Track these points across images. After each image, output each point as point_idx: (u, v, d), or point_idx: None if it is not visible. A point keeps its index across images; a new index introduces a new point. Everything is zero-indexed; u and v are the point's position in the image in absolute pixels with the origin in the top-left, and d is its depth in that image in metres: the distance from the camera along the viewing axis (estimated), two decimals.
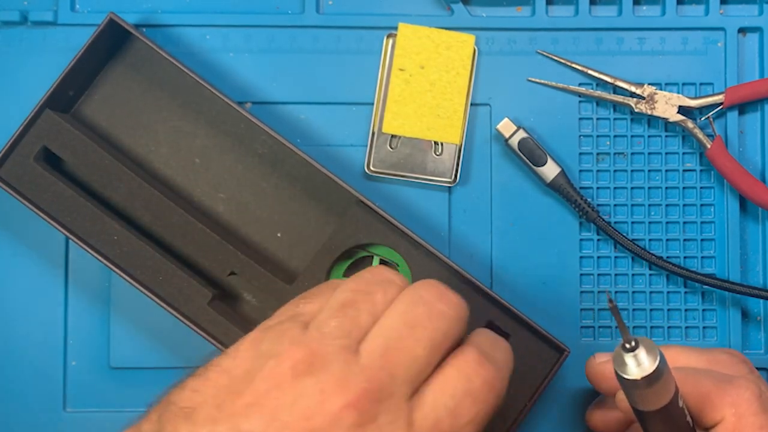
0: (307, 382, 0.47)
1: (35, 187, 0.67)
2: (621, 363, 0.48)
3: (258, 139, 0.70)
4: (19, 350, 0.71)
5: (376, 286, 0.53)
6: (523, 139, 0.70)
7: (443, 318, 0.51)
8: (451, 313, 0.51)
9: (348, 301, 0.51)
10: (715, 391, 0.54)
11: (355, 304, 0.51)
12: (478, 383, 0.51)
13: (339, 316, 0.50)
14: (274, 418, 0.47)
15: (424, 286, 0.52)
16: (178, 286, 0.67)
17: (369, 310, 0.51)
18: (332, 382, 0.47)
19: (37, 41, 0.72)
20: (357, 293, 0.52)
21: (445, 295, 0.52)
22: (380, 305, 0.52)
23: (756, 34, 0.73)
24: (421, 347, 0.50)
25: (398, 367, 0.49)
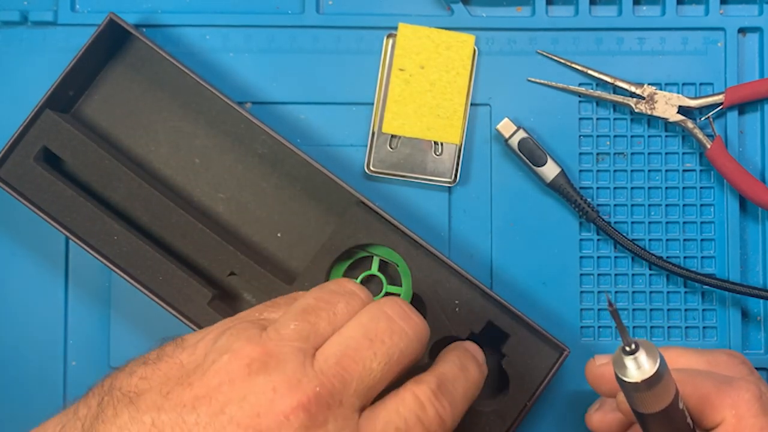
0: (259, 379, 0.48)
1: (35, 187, 0.67)
2: (621, 366, 0.48)
3: (258, 139, 0.70)
4: (19, 350, 0.72)
5: (339, 297, 0.53)
6: (523, 139, 0.70)
7: (403, 336, 0.52)
8: (410, 334, 0.52)
9: (309, 308, 0.52)
10: (715, 393, 0.54)
11: (316, 312, 0.52)
12: (431, 414, 0.52)
13: (298, 320, 0.51)
14: (222, 412, 0.47)
15: (388, 303, 0.53)
16: (178, 286, 0.67)
17: (329, 318, 0.52)
18: (285, 382, 0.48)
19: (37, 41, 0.72)
20: (319, 301, 0.53)
21: (408, 315, 0.53)
22: (341, 315, 0.52)
23: (756, 34, 0.73)
24: (377, 361, 0.50)
25: (352, 377, 0.49)
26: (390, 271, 0.70)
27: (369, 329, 0.51)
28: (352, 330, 0.51)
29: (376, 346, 0.51)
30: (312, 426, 0.47)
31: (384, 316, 0.52)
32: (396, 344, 0.51)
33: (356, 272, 0.70)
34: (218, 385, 0.48)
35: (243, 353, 0.48)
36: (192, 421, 0.47)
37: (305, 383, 0.48)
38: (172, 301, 0.67)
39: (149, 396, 0.48)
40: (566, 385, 0.71)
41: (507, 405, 0.67)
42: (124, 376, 0.51)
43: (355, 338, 0.51)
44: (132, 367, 0.51)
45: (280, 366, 0.48)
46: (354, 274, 0.70)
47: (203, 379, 0.48)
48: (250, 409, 0.47)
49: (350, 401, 0.49)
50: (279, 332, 0.50)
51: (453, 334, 0.66)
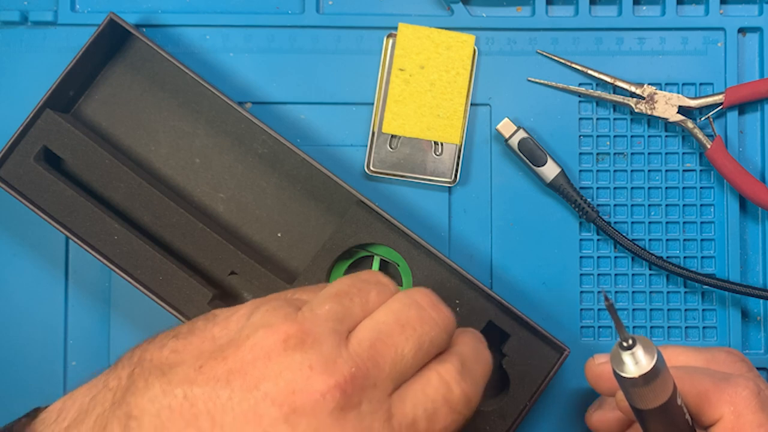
0: (296, 356, 0.47)
1: (35, 187, 0.67)
2: (618, 361, 0.48)
3: (258, 139, 0.71)
4: (19, 350, 0.71)
5: (371, 285, 0.53)
6: (523, 139, 0.70)
7: (433, 325, 0.52)
8: (440, 323, 0.52)
9: (342, 292, 0.52)
10: (714, 390, 0.54)
11: (350, 296, 0.52)
12: (457, 392, 0.52)
13: (333, 302, 0.51)
14: (256, 388, 0.47)
15: (419, 293, 0.53)
16: (179, 285, 0.67)
17: (362, 304, 0.52)
18: (321, 361, 0.47)
19: (37, 41, 0.72)
20: (352, 287, 0.53)
21: (437, 305, 0.53)
22: (372, 303, 0.52)
23: (756, 34, 0.73)
24: (409, 347, 0.50)
25: (385, 361, 0.50)
26: (390, 270, 0.70)
27: (401, 316, 0.51)
28: (384, 315, 0.51)
29: (407, 332, 0.51)
30: (346, 406, 0.47)
31: (415, 304, 0.52)
32: (427, 332, 0.51)
33: (356, 272, 0.70)
34: (253, 360, 0.47)
35: (280, 329, 0.48)
36: (225, 396, 0.47)
37: (341, 364, 0.48)
38: (173, 301, 0.67)
39: (181, 369, 0.48)
40: (566, 385, 0.71)
41: (508, 405, 0.67)
42: (155, 349, 0.50)
43: (387, 323, 0.51)
44: (163, 340, 0.51)
45: (317, 345, 0.48)
46: None
47: (237, 354, 0.48)
48: (285, 386, 0.47)
49: (383, 384, 0.49)
50: (314, 312, 0.50)
51: None
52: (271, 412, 0.46)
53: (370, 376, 0.48)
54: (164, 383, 0.47)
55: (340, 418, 0.47)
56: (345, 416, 0.47)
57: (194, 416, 0.46)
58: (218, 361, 0.48)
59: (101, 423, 0.48)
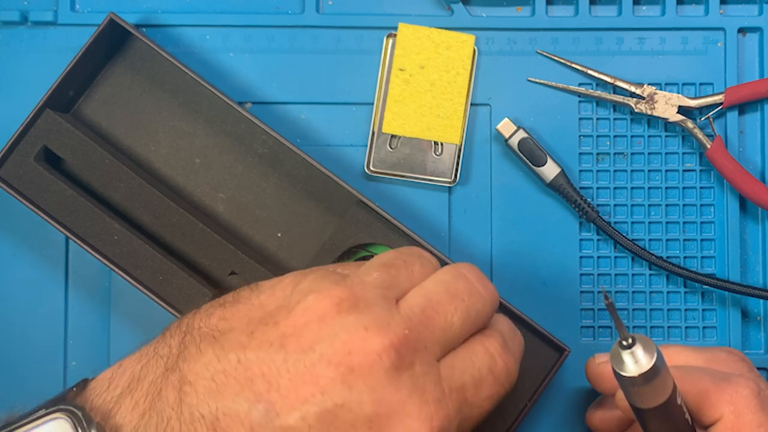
0: (350, 318, 0.48)
1: (35, 187, 0.67)
2: (618, 360, 0.48)
3: (258, 139, 0.70)
4: (19, 350, 0.71)
5: (414, 258, 0.54)
6: (523, 139, 0.70)
7: (480, 298, 0.53)
8: (486, 297, 0.54)
9: (389, 262, 0.53)
10: (714, 389, 0.54)
11: (396, 266, 0.53)
12: (500, 365, 0.53)
13: (380, 271, 0.52)
14: (311, 349, 0.47)
15: (465, 267, 0.55)
16: (178, 286, 0.67)
17: (407, 275, 0.53)
18: (375, 323, 0.48)
19: (37, 41, 0.72)
20: (397, 258, 0.54)
21: (484, 279, 0.55)
22: (417, 274, 0.53)
23: (756, 34, 0.73)
24: (457, 316, 0.51)
25: (435, 326, 0.50)
26: None
27: (450, 286, 0.52)
28: (433, 285, 0.52)
29: (456, 302, 0.52)
30: (401, 366, 0.48)
31: (463, 277, 0.53)
32: (474, 304, 0.52)
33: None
34: (306, 323, 0.48)
35: (331, 293, 0.49)
36: (280, 359, 0.47)
37: (394, 325, 0.48)
38: (173, 301, 0.67)
39: (233, 335, 0.49)
40: (567, 385, 0.71)
41: (507, 404, 0.66)
42: (203, 317, 0.51)
43: (437, 292, 0.51)
44: (209, 309, 0.51)
45: (369, 308, 0.49)
46: None
47: (289, 318, 0.48)
48: (341, 347, 0.47)
49: (433, 349, 0.50)
50: (362, 279, 0.51)
51: None
52: (328, 373, 0.47)
53: (421, 338, 0.49)
54: (217, 349, 0.48)
55: (396, 378, 0.47)
56: (400, 376, 0.48)
57: (249, 380, 0.47)
58: (269, 326, 0.48)
59: (155, 389, 0.49)
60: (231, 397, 0.47)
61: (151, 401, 0.48)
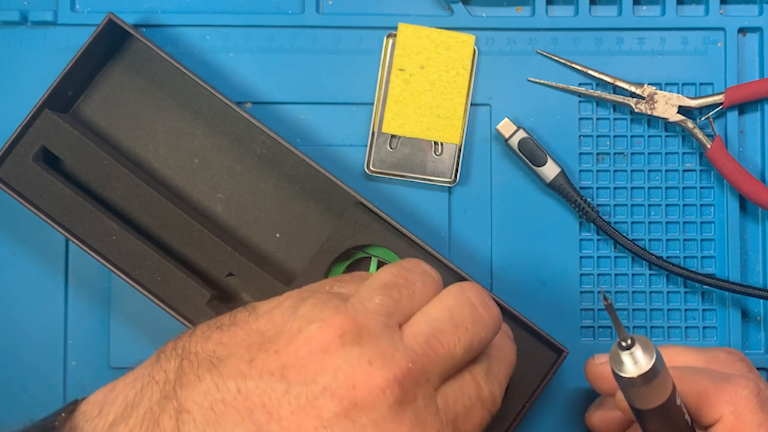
0: (354, 351, 0.47)
1: (34, 187, 0.67)
2: (617, 361, 0.48)
3: (257, 140, 0.70)
4: (19, 350, 0.71)
5: (416, 275, 0.54)
6: (523, 139, 0.70)
7: (483, 326, 0.52)
8: (489, 324, 0.53)
9: (390, 283, 0.52)
10: (713, 389, 0.54)
11: (397, 288, 0.52)
12: (486, 392, 0.53)
13: (382, 295, 0.51)
14: (314, 381, 0.46)
15: (471, 289, 0.53)
16: (177, 286, 0.67)
17: (409, 296, 0.52)
18: (380, 356, 0.47)
19: (37, 41, 0.72)
20: (398, 277, 0.53)
21: (488, 303, 0.54)
22: (419, 294, 0.52)
23: (756, 34, 0.73)
24: (460, 346, 0.51)
25: (438, 358, 0.50)
26: None
27: (455, 314, 0.51)
28: (438, 312, 0.51)
29: (460, 332, 0.51)
30: (404, 401, 0.47)
31: (468, 302, 0.52)
32: (477, 333, 0.52)
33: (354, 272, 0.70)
34: (308, 354, 0.47)
35: (334, 323, 0.48)
36: (281, 389, 0.46)
37: (398, 358, 0.48)
38: (171, 302, 0.67)
39: (232, 362, 0.48)
40: (566, 385, 0.71)
41: (506, 406, 0.66)
42: (200, 340, 0.50)
43: (441, 321, 0.51)
44: (206, 332, 0.50)
45: (373, 339, 0.48)
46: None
47: (290, 347, 0.48)
48: (345, 380, 0.46)
49: (433, 380, 0.50)
50: (365, 305, 0.50)
51: None
52: (331, 406, 0.46)
53: (424, 371, 0.49)
54: (216, 376, 0.47)
55: (399, 412, 0.47)
56: (403, 410, 0.47)
57: (249, 410, 0.46)
58: (270, 353, 0.48)
59: (151, 417, 0.47)
60: (230, 427, 0.46)
61: (147, 430, 0.47)
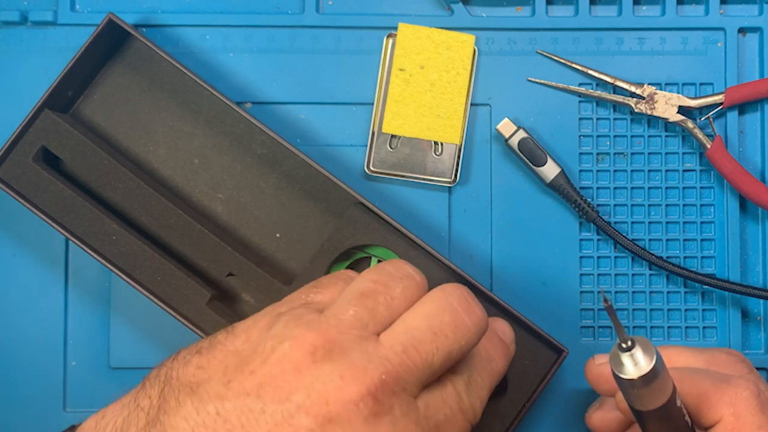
0: (326, 367, 0.48)
1: (34, 187, 0.67)
2: (618, 362, 0.48)
3: (257, 140, 0.70)
4: (19, 350, 0.71)
5: (396, 280, 0.53)
6: (523, 139, 0.70)
7: (465, 332, 0.52)
8: (472, 329, 0.52)
9: (367, 291, 0.52)
10: (713, 391, 0.54)
11: (374, 296, 0.52)
12: (467, 403, 0.53)
13: (357, 305, 0.51)
14: (288, 399, 0.47)
15: (454, 294, 0.53)
16: (177, 286, 0.67)
17: (387, 303, 0.52)
18: (351, 370, 0.48)
19: (37, 41, 0.72)
20: (377, 284, 0.52)
21: (472, 307, 0.53)
22: (398, 300, 0.52)
23: (756, 34, 0.73)
24: (438, 356, 0.50)
25: (415, 367, 0.49)
26: None
27: (434, 322, 0.51)
28: (417, 320, 0.51)
29: (439, 340, 0.50)
30: (380, 412, 0.47)
31: (450, 308, 0.52)
32: (458, 340, 0.51)
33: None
34: (282, 373, 0.48)
35: (305, 340, 0.48)
36: (258, 409, 0.47)
37: (371, 370, 0.48)
38: (171, 302, 0.67)
39: (210, 385, 0.48)
40: (566, 385, 0.71)
41: (505, 406, 0.66)
42: (180, 366, 0.51)
43: (420, 329, 0.50)
44: (186, 356, 0.51)
45: (345, 353, 0.48)
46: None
47: (265, 367, 0.48)
48: (318, 397, 0.47)
49: (411, 389, 0.49)
50: (338, 318, 0.50)
51: None
52: (306, 423, 0.46)
53: (400, 380, 0.49)
54: (195, 401, 0.48)
55: (375, 424, 0.47)
56: (379, 422, 0.47)
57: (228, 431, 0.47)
58: (245, 374, 0.48)
59: None
60: None
61: None
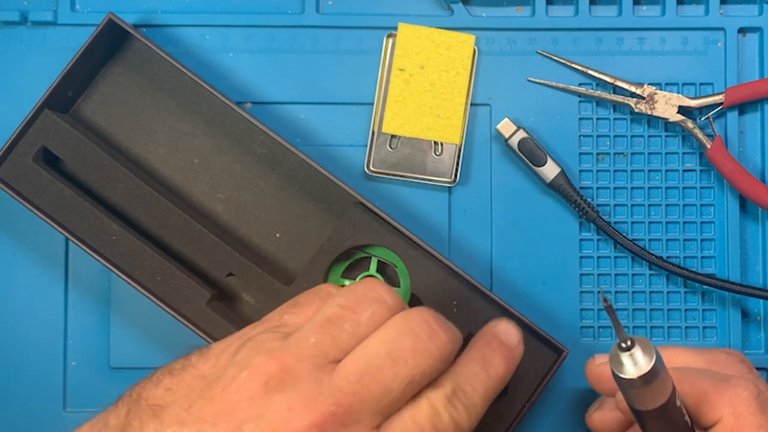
0: (276, 398, 0.48)
1: (34, 187, 0.67)
2: (617, 362, 0.48)
3: (257, 140, 0.70)
4: (19, 350, 0.72)
5: (365, 305, 0.52)
6: (523, 139, 0.70)
7: (428, 357, 0.51)
8: (435, 353, 0.51)
9: (333, 318, 0.51)
10: (713, 391, 0.54)
11: (339, 323, 0.51)
12: (446, 420, 0.51)
13: (320, 333, 0.50)
14: (239, 429, 0.47)
15: (416, 319, 0.52)
16: (177, 286, 0.67)
17: (352, 330, 0.51)
18: (300, 401, 0.48)
19: (37, 41, 0.72)
20: (344, 309, 0.52)
21: (436, 332, 0.51)
22: (364, 327, 0.51)
23: (756, 34, 0.73)
24: (397, 382, 0.50)
25: (371, 396, 0.49)
26: (388, 271, 0.70)
27: (393, 348, 0.50)
28: (376, 346, 0.50)
29: (398, 367, 0.49)
30: None
31: (410, 333, 0.51)
32: (419, 365, 0.50)
33: (354, 273, 0.70)
34: (237, 402, 0.48)
35: (261, 370, 0.49)
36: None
37: (320, 402, 0.48)
38: (171, 302, 0.67)
39: (172, 409, 0.49)
40: (566, 385, 0.71)
41: (505, 406, 0.66)
42: (152, 386, 0.51)
43: (378, 356, 0.50)
44: (159, 377, 0.52)
45: (297, 383, 0.48)
46: (352, 275, 0.70)
47: (224, 395, 0.49)
48: (266, 428, 0.47)
49: (368, 419, 0.49)
50: (299, 345, 0.50)
51: None
52: None
53: (353, 411, 0.48)
54: (157, 424, 0.49)
55: None
56: None
57: None
58: (206, 401, 0.49)
59: None
60: None
61: None
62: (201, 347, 0.54)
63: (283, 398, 0.48)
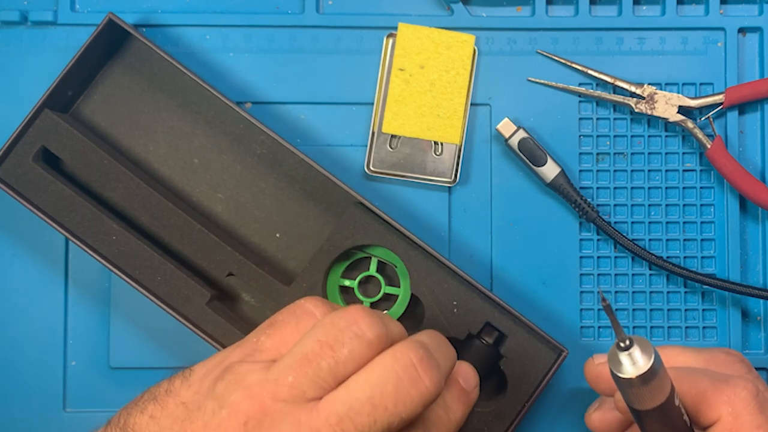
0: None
1: (34, 187, 0.67)
2: (616, 362, 0.48)
3: (257, 140, 0.70)
4: (19, 350, 0.72)
5: (343, 342, 0.51)
6: (523, 139, 0.70)
7: (408, 404, 0.50)
8: (417, 400, 0.50)
9: (311, 354, 0.50)
10: (712, 390, 0.54)
11: (317, 361, 0.50)
12: None
13: (297, 372, 0.50)
14: None
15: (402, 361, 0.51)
16: (177, 286, 0.67)
17: (330, 369, 0.50)
18: None
19: (37, 41, 0.72)
20: (323, 346, 0.50)
21: (420, 377, 0.51)
22: (342, 366, 0.50)
23: (756, 34, 0.73)
24: (375, 428, 0.49)
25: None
26: (388, 271, 0.70)
27: (375, 393, 0.49)
28: (358, 390, 0.49)
29: (378, 413, 0.49)
30: None
31: (394, 378, 0.50)
32: (399, 413, 0.50)
33: (354, 273, 0.70)
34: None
35: (240, 410, 0.49)
36: None
37: None
38: (171, 302, 0.67)
39: None
40: (566, 385, 0.71)
41: (505, 406, 0.66)
42: (137, 413, 0.52)
43: (359, 401, 0.49)
44: (144, 403, 0.52)
45: (275, 425, 0.48)
46: (352, 275, 0.70)
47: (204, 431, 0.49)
48: None
49: None
50: (277, 383, 0.49)
51: (451, 335, 0.66)
52: None
53: None
54: None
55: None
56: None
57: None
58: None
59: None
60: None
61: None
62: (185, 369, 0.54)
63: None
